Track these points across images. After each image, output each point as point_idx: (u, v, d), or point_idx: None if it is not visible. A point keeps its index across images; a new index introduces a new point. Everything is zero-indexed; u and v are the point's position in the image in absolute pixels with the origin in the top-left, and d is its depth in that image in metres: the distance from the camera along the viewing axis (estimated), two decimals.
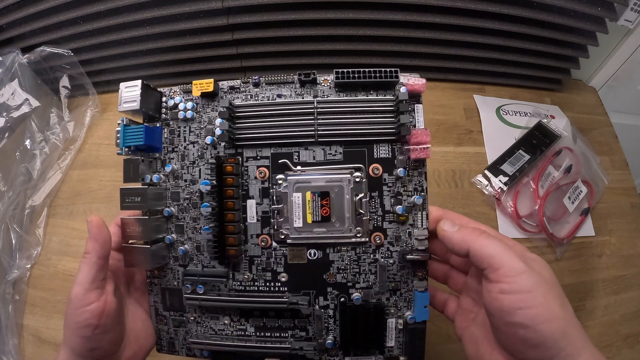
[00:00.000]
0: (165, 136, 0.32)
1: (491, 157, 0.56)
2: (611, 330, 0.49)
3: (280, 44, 0.57)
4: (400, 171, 0.30)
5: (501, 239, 0.26)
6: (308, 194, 0.30)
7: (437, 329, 0.44)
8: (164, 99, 0.33)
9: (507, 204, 0.52)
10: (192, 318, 0.32)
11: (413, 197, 0.30)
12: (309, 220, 0.30)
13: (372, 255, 0.30)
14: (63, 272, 0.51)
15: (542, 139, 0.56)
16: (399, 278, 0.30)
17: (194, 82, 0.31)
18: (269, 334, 0.31)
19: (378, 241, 0.30)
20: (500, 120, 0.60)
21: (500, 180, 0.53)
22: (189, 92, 0.32)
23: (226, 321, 0.32)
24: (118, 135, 0.30)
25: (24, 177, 0.54)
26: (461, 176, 0.55)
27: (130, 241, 0.30)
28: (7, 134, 0.51)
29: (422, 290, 0.30)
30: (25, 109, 0.53)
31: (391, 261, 0.30)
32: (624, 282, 0.52)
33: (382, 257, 0.30)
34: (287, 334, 0.31)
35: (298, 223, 0.30)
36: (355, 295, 0.30)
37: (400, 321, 0.30)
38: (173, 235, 0.32)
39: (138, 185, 0.31)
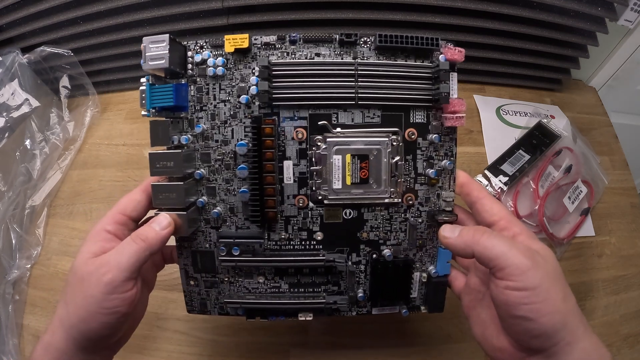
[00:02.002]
0: (192, 94, 0.30)
1: (491, 157, 0.56)
2: (611, 330, 0.49)
3: None
4: (434, 137, 0.30)
5: (504, 237, 0.26)
6: (348, 157, 0.30)
7: (437, 329, 0.44)
8: (189, 53, 0.30)
9: (507, 204, 0.52)
10: (226, 279, 0.33)
11: (444, 161, 0.31)
12: (348, 182, 0.30)
13: (403, 215, 0.32)
14: (63, 272, 0.51)
15: (542, 139, 0.56)
16: (425, 236, 0.32)
17: (226, 36, 0.29)
18: (302, 290, 0.33)
19: (410, 202, 0.31)
20: (500, 120, 0.60)
21: (500, 180, 0.53)
22: (219, 46, 0.30)
23: (260, 280, 0.33)
24: (143, 95, 0.29)
25: (24, 177, 0.54)
26: None
27: (163, 208, 0.29)
28: (7, 134, 0.51)
29: (445, 247, 0.31)
30: (25, 109, 0.53)
31: (420, 220, 0.32)
32: (624, 282, 0.52)
33: (412, 217, 0.32)
34: (320, 289, 0.33)
35: (337, 185, 0.30)
36: (387, 251, 0.32)
37: (424, 275, 0.33)
38: (204, 197, 0.31)
39: (164, 148, 0.30)
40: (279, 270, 0.33)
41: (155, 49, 0.28)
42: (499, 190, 0.53)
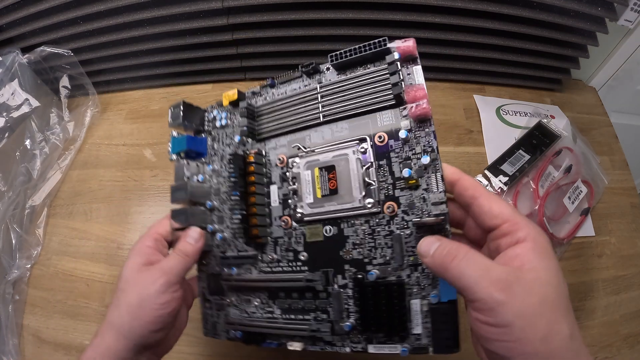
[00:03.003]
0: (209, 143, 0.37)
1: (491, 157, 0.56)
2: (611, 330, 0.49)
3: (280, 44, 0.58)
4: (401, 133, 0.28)
5: (479, 261, 0.22)
6: (316, 170, 0.31)
7: None
8: (206, 114, 0.38)
9: None
10: (229, 301, 0.35)
11: (422, 157, 0.27)
12: (319, 195, 0.31)
13: (386, 227, 0.28)
14: (63, 272, 0.51)
15: (542, 139, 0.56)
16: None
17: (223, 94, 0.36)
18: (292, 316, 0.32)
19: (391, 211, 0.28)
20: (500, 120, 0.60)
21: (500, 180, 0.53)
22: (222, 105, 0.37)
23: (256, 303, 0.33)
24: (169, 144, 0.37)
25: (24, 177, 0.54)
26: None
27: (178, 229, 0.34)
28: (7, 134, 0.51)
29: None
30: (25, 109, 0.53)
31: (407, 232, 0.28)
32: (624, 282, 0.52)
33: (397, 228, 0.28)
34: (309, 316, 0.31)
35: (309, 199, 0.31)
36: (371, 271, 0.28)
37: (425, 302, 0.27)
38: (215, 225, 0.35)
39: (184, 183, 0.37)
40: (272, 293, 0.33)
41: (175, 111, 0.37)
42: (498, 190, 0.53)
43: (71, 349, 0.47)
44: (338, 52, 0.31)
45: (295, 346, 0.31)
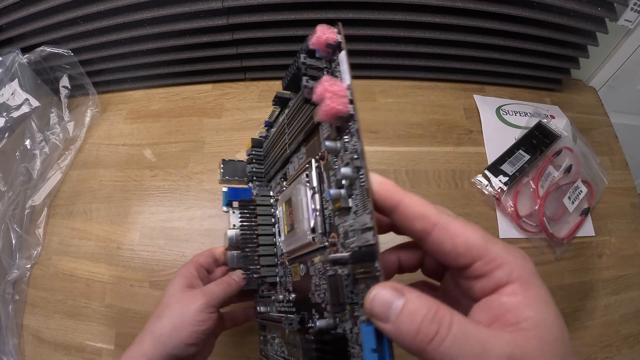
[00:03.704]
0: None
1: (491, 157, 0.56)
2: (611, 330, 0.49)
3: (280, 44, 0.58)
4: (324, 144, 0.21)
5: (475, 341, 0.15)
6: (283, 205, 0.30)
7: None
8: (247, 166, 0.39)
9: (507, 204, 0.52)
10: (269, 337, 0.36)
11: (343, 169, 0.20)
12: (285, 231, 0.30)
13: (328, 265, 0.23)
14: (63, 272, 0.51)
15: (542, 139, 0.56)
16: (356, 298, 0.20)
17: (247, 143, 0.39)
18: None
19: (333, 242, 0.22)
20: (500, 120, 0.60)
21: (500, 180, 0.53)
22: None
23: (276, 341, 0.34)
24: (221, 197, 0.39)
25: (24, 177, 0.54)
26: (461, 176, 0.55)
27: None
28: (7, 134, 0.51)
29: (366, 321, 0.17)
30: (25, 109, 0.53)
31: (345, 270, 0.21)
32: (624, 282, 0.52)
33: (331, 264, 0.22)
34: None
35: (281, 237, 0.32)
36: (320, 321, 0.22)
37: None
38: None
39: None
40: (282, 331, 0.33)
41: (222, 169, 0.40)
42: (498, 190, 0.53)
43: (71, 349, 0.47)
44: (284, 76, 0.27)
45: None
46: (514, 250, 0.18)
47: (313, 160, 0.25)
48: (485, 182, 0.54)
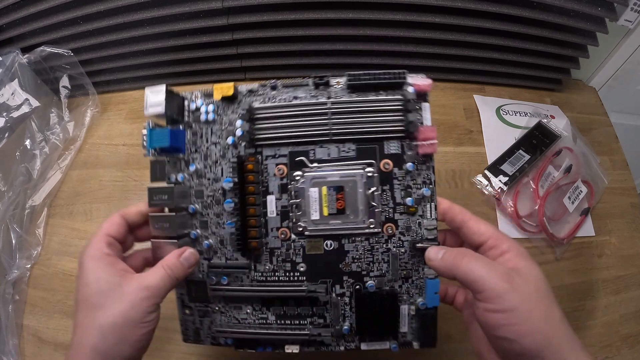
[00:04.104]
0: (188, 138, 0.34)
1: (491, 157, 0.56)
2: (611, 330, 0.49)
3: (280, 44, 0.58)
4: (409, 165, 0.31)
5: (484, 259, 0.27)
6: (324, 189, 0.31)
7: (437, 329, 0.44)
8: (185, 102, 0.34)
9: (507, 204, 0.52)
10: (217, 308, 0.34)
11: (422, 189, 0.31)
12: (325, 213, 0.32)
13: (384, 245, 0.32)
14: (63, 272, 0.51)
15: (542, 139, 0.56)
16: (410, 266, 0.32)
17: (214, 85, 0.33)
18: (289, 322, 0.33)
19: (390, 232, 0.31)
20: (500, 120, 0.60)
21: (500, 180, 0.53)
22: (210, 95, 0.34)
23: (248, 310, 0.33)
24: (144, 138, 0.32)
25: (24, 177, 0.54)
26: (461, 176, 0.55)
27: (157, 237, 0.32)
28: (7, 134, 0.51)
29: (433, 277, 0.31)
30: (25, 109, 0.53)
31: (402, 250, 0.32)
32: (624, 282, 0.52)
33: (394, 247, 0.32)
34: (306, 322, 0.33)
35: (315, 216, 0.32)
36: (369, 282, 0.32)
37: (413, 307, 0.32)
38: (198, 230, 0.33)
39: (164, 184, 0.33)
40: (266, 300, 0.33)
41: (154, 97, 0.32)
42: (498, 190, 0.53)
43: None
44: (356, 73, 0.31)
45: (293, 349, 0.33)
46: (511, 238, 0.28)
47: (381, 165, 0.31)
48: (485, 182, 0.54)
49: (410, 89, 0.31)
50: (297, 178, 0.32)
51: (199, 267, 0.33)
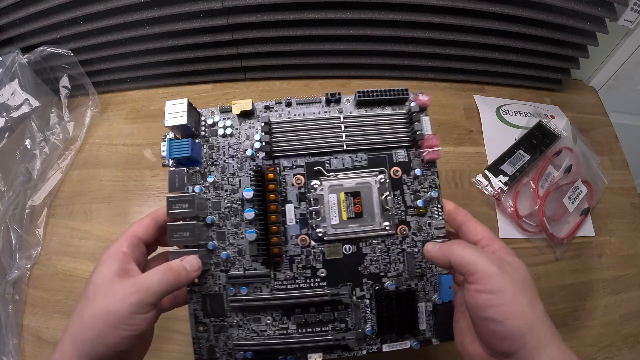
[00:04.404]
0: (205, 151, 0.35)
1: (491, 157, 0.57)
2: (611, 330, 0.49)
3: (280, 44, 0.58)
4: (417, 171, 0.34)
5: (476, 247, 0.29)
6: (342, 195, 0.34)
7: None
8: (202, 117, 0.36)
9: (507, 204, 0.52)
10: (234, 322, 0.33)
11: (429, 192, 0.34)
12: (344, 217, 0.34)
13: (399, 246, 0.34)
14: (63, 272, 0.51)
15: (542, 139, 0.56)
16: (424, 264, 0.34)
17: (233, 101, 0.35)
18: (310, 330, 0.33)
19: (404, 233, 0.34)
20: (500, 120, 0.60)
21: (500, 180, 0.53)
22: (228, 111, 0.36)
23: (268, 321, 0.33)
24: (164, 148, 0.33)
25: (24, 177, 0.54)
26: (461, 176, 0.55)
27: (175, 247, 0.32)
28: (7, 134, 0.51)
29: (446, 273, 0.34)
30: (25, 109, 0.53)
31: (416, 249, 0.34)
32: (624, 282, 0.52)
33: (408, 247, 0.34)
34: (327, 327, 0.34)
35: (335, 220, 0.34)
36: (389, 282, 0.33)
37: (430, 304, 0.34)
38: (215, 242, 0.34)
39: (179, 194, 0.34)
40: (286, 310, 0.33)
41: (175, 109, 0.34)
42: (498, 190, 0.53)
43: None
44: (365, 91, 0.35)
45: (316, 357, 0.33)
46: (502, 241, 0.31)
47: (391, 172, 0.34)
48: (485, 182, 0.54)
49: (413, 104, 0.35)
50: (316, 186, 0.34)
51: (215, 280, 0.33)
